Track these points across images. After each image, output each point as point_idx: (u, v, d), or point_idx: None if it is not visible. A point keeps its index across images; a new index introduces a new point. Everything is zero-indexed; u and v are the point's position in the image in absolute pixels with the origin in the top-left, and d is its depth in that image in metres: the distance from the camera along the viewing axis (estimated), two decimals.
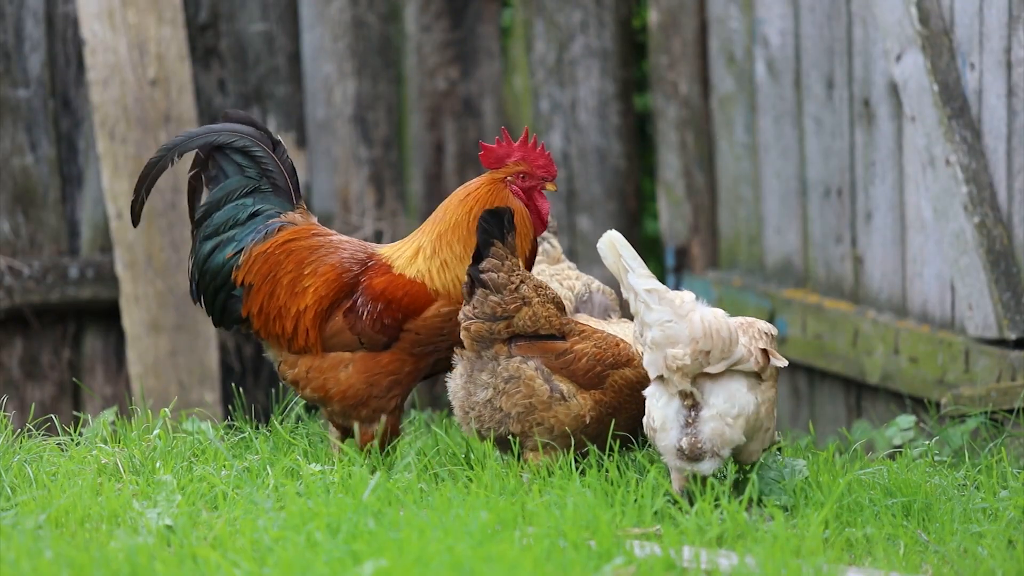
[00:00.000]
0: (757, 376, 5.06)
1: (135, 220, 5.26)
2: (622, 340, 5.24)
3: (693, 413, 5.07)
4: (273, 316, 5.11)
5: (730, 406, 5.05)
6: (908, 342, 6.63)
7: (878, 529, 4.65)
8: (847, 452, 5.88)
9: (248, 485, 4.91)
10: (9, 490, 4.85)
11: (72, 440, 5.36)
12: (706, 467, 5.04)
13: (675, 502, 4.84)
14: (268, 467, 5.10)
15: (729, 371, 5.08)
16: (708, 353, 5.04)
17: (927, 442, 5.92)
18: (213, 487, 4.87)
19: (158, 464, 5.04)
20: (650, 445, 5.24)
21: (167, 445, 5.16)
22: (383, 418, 5.07)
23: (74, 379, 7.47)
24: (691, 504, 4.87)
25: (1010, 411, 6.12)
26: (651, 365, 5.09)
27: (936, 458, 5.65)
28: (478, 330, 5.04)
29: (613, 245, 5.09)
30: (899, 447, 6.32)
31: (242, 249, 5.13)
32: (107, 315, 7.49)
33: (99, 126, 7.34)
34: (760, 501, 4.91)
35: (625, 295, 5.10)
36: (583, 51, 7.95)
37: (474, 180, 5.13)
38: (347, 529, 4.40)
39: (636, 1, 8.06)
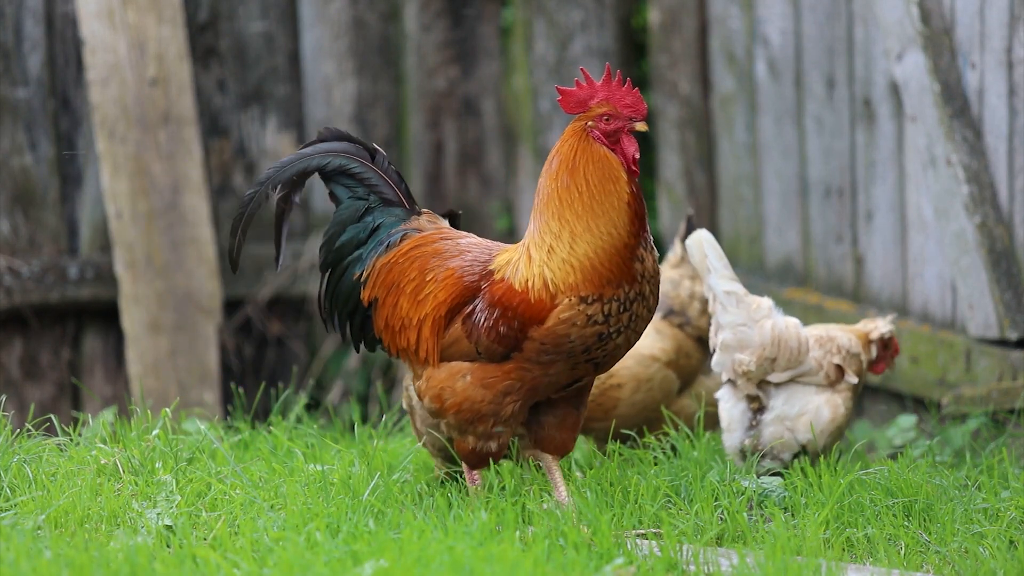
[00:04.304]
0: (830, 387, 5.15)
1: (234, 266, 4.88)
2: None
3: (757, 416, 5.18)
4: (398, 328, 4.70)
5: (794, 412, 5.14)
6: (909, 342, 6.62)
7: (879, 529, 4.65)
8: (848, 452, 5.87)
9: (248, 485, 4.90)
10: (8, 490, 4.84)
11: (71, 440, 5.35)
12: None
13: (675, 503, 4.84)
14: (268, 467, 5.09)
15: (802, 378, 5.18)
16: (774, 361, 5.14)
17: (928, 442, 5.91)
18: (212, 487, 4.87)
19: (158, 464, 5.04)
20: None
21: (167, 445, 5.16)
22: (495, 443, 4.64)
23: (73, 379, 7.46)
24: None
25: (1011, 411, 6.11)
26: (718, 366, 5.20)
27: (937, 458, 5.65)
28: None
29: (700, 244, 5.19)
30: (900, 447, 6.32)
31: (368, 266, 4.76)
32: (107, 315, 7.48)
33: (99, 126, 7.33)
34: (761, 502, 4.90)
35: (706, 294, 5.20)
36: (583, 51, 7.94)
37: (559, 140, 4.64)
38: (347, 529, 4.39)
39: (636, 0, 8.05)
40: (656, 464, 5.21)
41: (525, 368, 4.57)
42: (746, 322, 5.17)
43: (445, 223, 4.82)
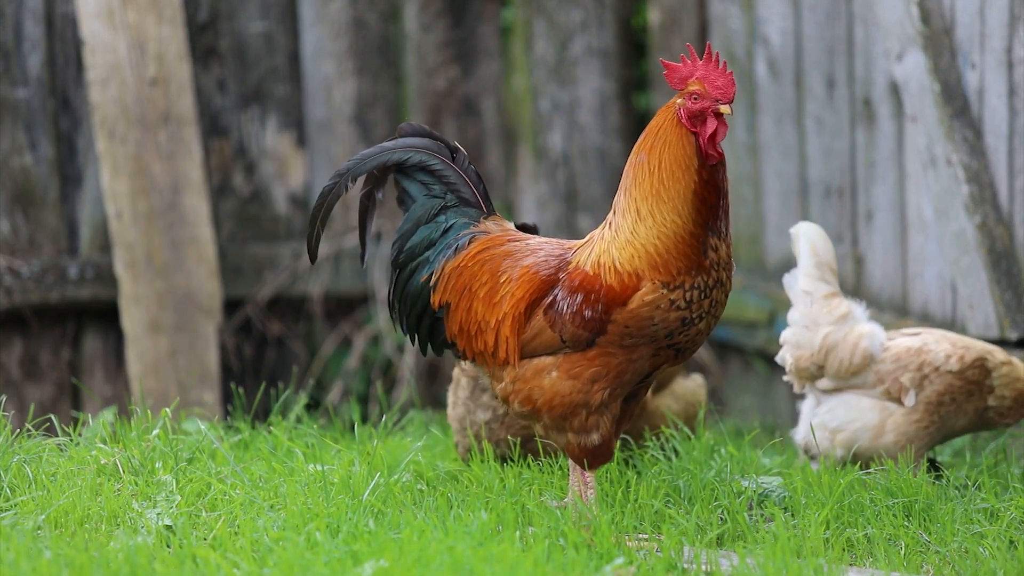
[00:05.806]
0: (895, 401, 5.15)
1: (313, 255, 4.80)
2: None
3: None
4: (474, 332, 4.65)
5: (836, 422, 5.16)
6: None
7: (879, 529, 4.64)
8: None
9: (248, 485, 4.90)
10: (8, 490, 4.84)
11: (71, 440, 5.35)
12: (817, 466, 5.21)
13: (675, 503, 4.84)
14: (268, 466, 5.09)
15: (856, 389, 5.19)
16: (821, 368, 5.16)
17: None
18: (212, 487, 4.87)
19: (158, 464, 5.04)
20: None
21: (167, 445, 5.16)
22: (596, 435, 4.57)
23: (73, 379, 7.46)
24: None
25: None
26: (780, 359, 5.26)
27: (937, 459, 5.64)
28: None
29: (799, 237, 5.23)
30: None
31: (436, 269, 4.73)
32: (107, 315, 7.48)
33: (99, 126, 7.33)
34: (761, 502, 4.90)
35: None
36: (583, 50, 7.94)
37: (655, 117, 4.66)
38: (347, 529, 4.39)
39: (636, 0, 8.05)
40: (656, 464, 5.21)
41: (610, 352, 4.52)
42: (808, 324, 5.18)
43: (511, 225, 4.79)
